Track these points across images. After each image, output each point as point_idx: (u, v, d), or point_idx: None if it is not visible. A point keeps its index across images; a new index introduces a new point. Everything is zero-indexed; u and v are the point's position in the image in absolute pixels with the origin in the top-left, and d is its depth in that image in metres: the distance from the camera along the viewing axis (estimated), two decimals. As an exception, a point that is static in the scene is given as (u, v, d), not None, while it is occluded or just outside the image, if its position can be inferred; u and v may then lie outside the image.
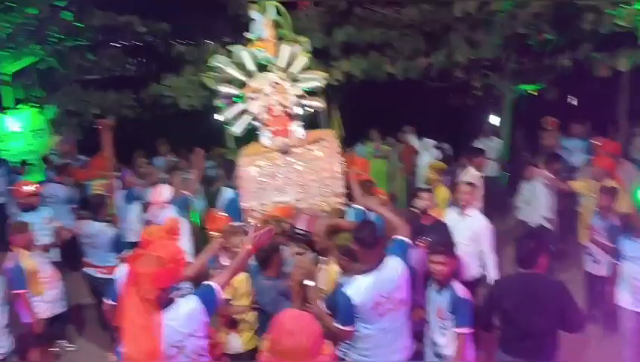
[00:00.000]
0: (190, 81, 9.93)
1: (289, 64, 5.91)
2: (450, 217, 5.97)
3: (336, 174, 5.76)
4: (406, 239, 4.10)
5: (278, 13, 5.99)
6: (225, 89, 6.07)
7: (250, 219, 5.69)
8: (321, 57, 10.08)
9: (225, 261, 4.71)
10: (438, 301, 4.26)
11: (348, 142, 10.68)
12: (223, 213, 5.82)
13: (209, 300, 3.33)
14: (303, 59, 5.94)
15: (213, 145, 10.30)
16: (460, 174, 7.73)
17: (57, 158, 9.81)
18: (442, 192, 7.04)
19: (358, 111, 12.07)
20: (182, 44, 10.85)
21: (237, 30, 10.66)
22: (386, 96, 12.06)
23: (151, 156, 10.12)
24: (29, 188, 6.59)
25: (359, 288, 3.77)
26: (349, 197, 5.68)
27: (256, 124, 6.01)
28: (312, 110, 6.14)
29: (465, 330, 4.10)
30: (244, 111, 6.00)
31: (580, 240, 6.75)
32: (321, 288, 4.39)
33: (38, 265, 5.69)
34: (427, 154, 9.89)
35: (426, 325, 4.50)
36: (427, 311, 4.45)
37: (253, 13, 6.01)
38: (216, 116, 6.32)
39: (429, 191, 6.06)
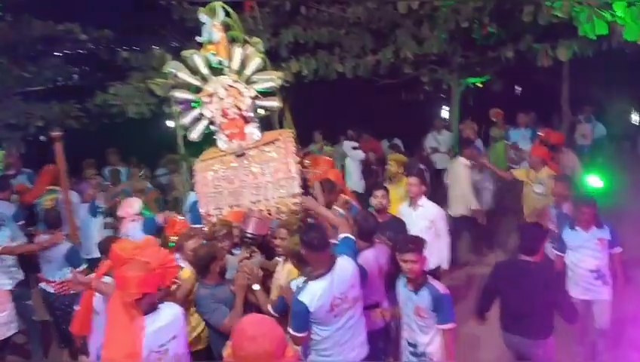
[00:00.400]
0: (137, 88, 9.73)
1: (242, 66, 5.84)
2: (403, 211, 6.08)
3: (292, 175, 5.63)
4: (351, 236, 4.13)
5: (227, 14, 5.89)
6: (180, 95, 5.95)
7: (206, 224, 5.61)
8: (270, 59, 10.06)
9: (181, 262, 4.62)
10: (415, 300, 4.22)
11: (300, 142, 10.73)
12: (181, 217, 5.86)
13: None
14: (256, 61, 5.88)
15: (164, 151, 10.16)
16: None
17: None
18: (404, 185, 7.02)
19: (309, 111, 12.11)
20: (126, 50, 10.58)
21: (182, 34, 10.60)
22: (336, 95, 12.15)
23: (101, 166, 9.87)
24: None
25: (314, 294, 3.74)
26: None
27: (213, 128, 5.94)
28: (269, 111, 6.14)
29: (450, 326, 4.16)
30: (200, 116, 5.91)
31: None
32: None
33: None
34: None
35: (401, 326, 4.48)
36: (401, 312, 4.42)
37: (202, 16, 5.87)
38: (171, 122, 6.24)
39: (383, 188, 6.08)
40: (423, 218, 5.92)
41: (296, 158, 5.73)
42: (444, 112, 11.86)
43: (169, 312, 3.39)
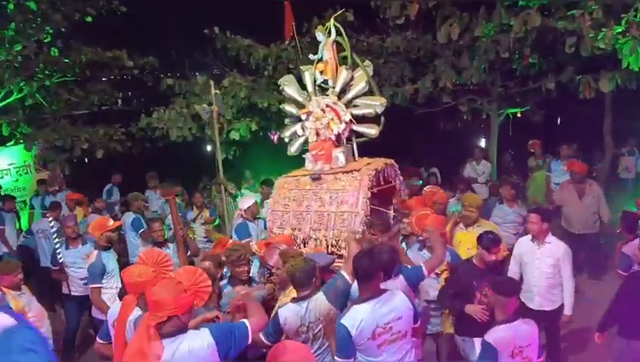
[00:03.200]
0: (180, 113, 9.99)
1: (345, 89, 5.69)
2: (524, 247, 5.56)
3: (357, 210, 5.24)
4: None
5: (340, 34, 5.79)
6: (288, 108, 5.95)
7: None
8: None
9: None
10: None
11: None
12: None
13: (229, 339, 3.19)
14: (361, 85, 5.67)
15: (205, 175, 10.35)
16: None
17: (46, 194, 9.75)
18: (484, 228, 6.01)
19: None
20: (170, 77, 10.89)
21: (224, 62, 10.88)
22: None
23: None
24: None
25: (355, 318, 3.65)
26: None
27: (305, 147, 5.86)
28: (366, 138, 5.83)
29: None
30: (299, 133, 5.88)
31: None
32: None
33: (25, 304, 5.59)
34: None
35: None
36: None
37: (318, 35, 5.89)
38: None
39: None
40: (548, 256, 5.36)
41: (367, 194, 5.29)
42: (482, 143, 11.76)
43: (193, 342, 3.11)
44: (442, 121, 12.40)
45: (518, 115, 10.62)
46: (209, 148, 13.22)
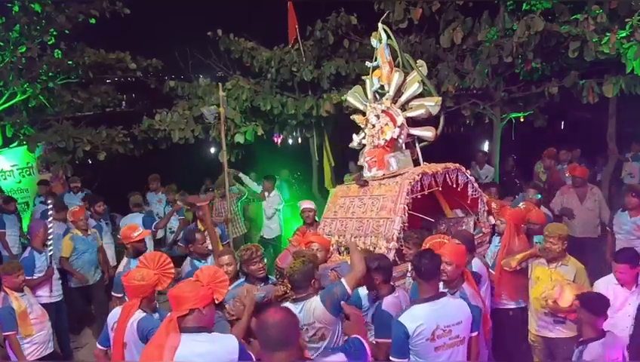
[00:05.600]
0: (182, 116, 10.00)
1: (399, 92, 5.60)
2: (606, 286, 4.81)
3: (395, 217, 5.08)
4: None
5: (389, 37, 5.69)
6: (355, 117, 5.94)
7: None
8: (311, 90, 10.24)
9: None
10: None
11: (336, 171, 10.77)
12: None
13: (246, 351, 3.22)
14: (414, 86, 5.55)
15: (208, 177, 10.36)
16: None
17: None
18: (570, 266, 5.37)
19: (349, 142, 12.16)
20: (173, 79, 10.90)
21: (227, 65, 10.88)
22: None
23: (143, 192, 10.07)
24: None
25: (416, 317, 3.55)
26: None
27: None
28: (425, 142, 5.73)
29: None
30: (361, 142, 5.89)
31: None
32: None
33: (27, 306, 5.60)
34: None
35: None
36: None
37: (372, 41, 5.89)
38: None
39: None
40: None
41: (406, 200, 5.10)
42: (485, 147, 11.74)
43: (214, 345, 3.10)
44: (445, 125, 12.38)
45: (521, 119, 10.59)
46: (212, 150, 13.22)
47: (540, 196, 7.05)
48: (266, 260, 4.86)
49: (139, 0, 11.57)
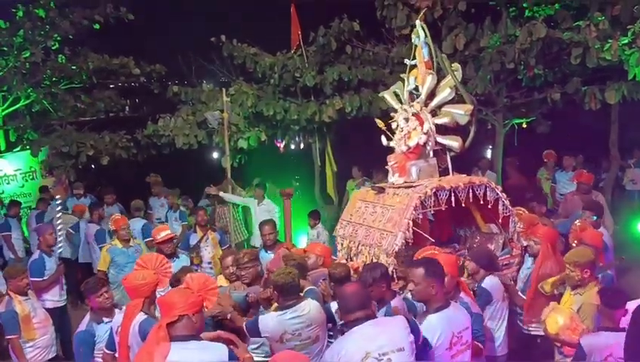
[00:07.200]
0: (186, 121, 10.03)
1: (431, 95, 5.34)
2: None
3: (397, 231, 4.83)
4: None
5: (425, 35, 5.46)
6: (378, 120, 5.80)
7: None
8: (314, 95, 10.26)
9: None
10: None
11: (340, 177, 10.79)
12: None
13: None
14: (446, 91, 5.28)
15: (210, 182, 10.36)
16: None
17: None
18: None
19: (350, 147, 12.21)
20: (177, 84, 10.93)
21: (231, 70, 10.92)
22: (379, 132, 12.15)
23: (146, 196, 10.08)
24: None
25: (434, 327, 3.47)
26: None
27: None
28: (451, 151, 5.45)
29: None
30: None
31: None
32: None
33: (31, 310, 5.60)
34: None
35: None
36: None
37: (414, 38, 5.59)
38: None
39: None
40: None
41: (412, 215, 4.84)
42: (488, 152, 11.72)
43: (204, 354, 3.06)
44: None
45: (524, 125, 10.60)
46: (215, 155, 13.24)
47: (596, 218, 6.08)
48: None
49: (142, 6, 11.63)
